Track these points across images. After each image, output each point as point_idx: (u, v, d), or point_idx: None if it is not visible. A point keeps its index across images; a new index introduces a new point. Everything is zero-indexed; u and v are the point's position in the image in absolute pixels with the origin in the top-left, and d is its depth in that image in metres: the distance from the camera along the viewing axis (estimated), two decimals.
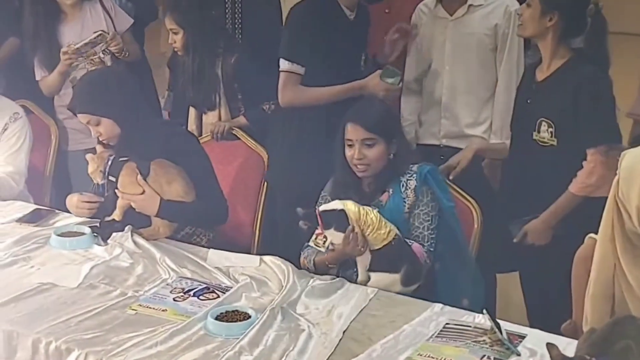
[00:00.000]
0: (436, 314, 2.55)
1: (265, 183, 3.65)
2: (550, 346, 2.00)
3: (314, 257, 2.92)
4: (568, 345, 2.20)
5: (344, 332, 2.45)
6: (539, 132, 3.07)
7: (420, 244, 2.88)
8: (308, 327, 2.47)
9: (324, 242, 2.78)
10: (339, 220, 2.77)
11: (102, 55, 4.05)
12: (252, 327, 2.43)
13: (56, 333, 2.41)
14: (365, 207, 2.83)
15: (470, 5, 3.53)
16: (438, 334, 2.42)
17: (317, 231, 2.87)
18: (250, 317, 2.49)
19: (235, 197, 3.59)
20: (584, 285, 2.45)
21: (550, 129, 3.04)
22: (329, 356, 2.32)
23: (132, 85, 3.29)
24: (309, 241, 2.95)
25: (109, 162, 3.13)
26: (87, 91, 3.22)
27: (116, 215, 3.15)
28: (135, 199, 3.09)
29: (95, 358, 2.30)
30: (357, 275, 2.84)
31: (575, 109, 2.98)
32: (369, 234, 2.76)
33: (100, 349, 2.33)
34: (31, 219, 3.31)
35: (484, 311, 2.48)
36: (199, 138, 3.69)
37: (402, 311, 2.58)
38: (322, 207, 2.85)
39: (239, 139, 3.80)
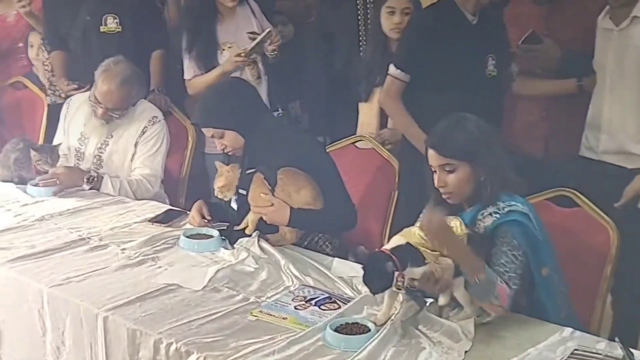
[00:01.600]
0: (565, 339, 2.43)
1: (396, 193, 3.60)
2: None
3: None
4: None
5: (466, 352, 2.37)
6: None
7: (505, 283, 2.52)
8: (429, 346, 2.40)
9: (403, 283, 2.44)
10: (412, 255, 2.47)
11: (256, 56, 4.10)
12: (370, 340, 2.38)
13: (177, 335, 2.44)
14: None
15: (634, 16, 3.34)
16: (565, 359, 2.31)
17: (396, 273, 2.45)
18: (369, 330, 2.44)
19: (366, 205, 3.56)
20: None
21: None
22: None
23: (251, 94, 3.32)
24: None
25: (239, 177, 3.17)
26: (209, 105, 3.28)
27: (249, 230, 3.17)
28: (266, 211, 3.10)
29: None
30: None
31: None
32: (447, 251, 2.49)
33: (218, 354, 2.34)
34: (163, 219, 3.38)
35: (617, 339, 2.34)
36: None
37: (530, 333, 2.47)
38: (385, 247, 2.54)
39: (373, 147, 3.76)
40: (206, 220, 3.28)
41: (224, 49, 4.09)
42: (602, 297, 2.95)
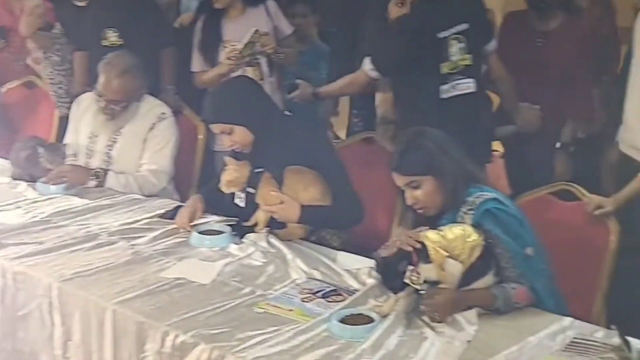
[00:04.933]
0: (564, 328, 2.48)
1: None
2: None
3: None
4: None
5: (468, 341, 2.41)
6: None
7: (519, 283, 2.60)
8: (432, 335, 2.44)
9: (418, 278, 2.52)
10: (424, 252, 2.54)
11: (259, 57, 4.13)
12: (375, 330, 2.44)
13: (184, 327, 2.48)
14: (444, 228, 2.62)
15: None
16: (564, 348, 2.36)
17: (410, 268, 2.56)
18: (374, 321, 2.49)
19: (374, 201, 3.59)
20: None
21: None
22: None
23: (258, 91, 3.37)
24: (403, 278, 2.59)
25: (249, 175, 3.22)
26: (217, 101, 3.32)
27: (259, 229, 3.21)
28: (277, 209, 3.15)
29: (219, 353, 2.36)
30: None
31: None
32: (458, 254, 2.55)
33: (224, 344, 2.38)
34: (173, 215, 3.42)
35: (614, 327, 2.39)
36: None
37: (530, 323, 2.52)
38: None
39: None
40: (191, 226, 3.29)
41: (225, 47, 4.14)
42: (603, 290, 2.99)
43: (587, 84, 3.98)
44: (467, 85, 3.60)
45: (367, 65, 3.68)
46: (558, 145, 4.03)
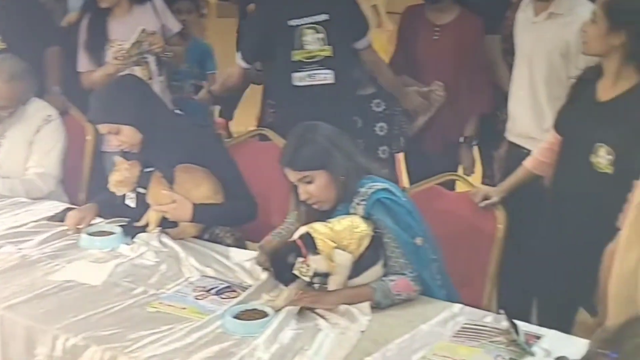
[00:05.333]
0: (454, 314, 2.54)
1: None
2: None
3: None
4: (584, 346, 2.16)
5: (362, 331, 2.44)
6: (595, 156, 2.87)
7: (401, 274, 2.64)
8: (326, 327, 2.46)
9: (306, 270, 2.54)
10: (311, 244, 2.56)
11: (147, 56, 4.08)
12: (268, 325, 2.44)
13: (75, 329, 2.44)
14: (332, 220, 2.67)
15: (551, 12, 3.43)
16: (455, 334, 2.41)
17: (299, 259, 2.56)
18: (267, 315, 2.50)
19: (268, 197, 3.59)
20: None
21: (608, 156, 2.84)
22: (345, 356, 2.31)
23: (145, 90, 3.34)
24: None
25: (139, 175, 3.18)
26: (103, 101, 3.26)
27: (150, 228, 3.18)
28: (168, 208, 3.12)
29: (111, 354, 2.32)
30: None
31: (636, 138, 2.79)
32: (347, 245, 2.59)
33: (117, 345, 2.35)
34: (62, 217, 3.35)
35: (502, 312, 2.46)
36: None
37: (421, 311, 2.57)
38: (295, 236, 2.65)
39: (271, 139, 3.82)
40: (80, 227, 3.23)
41: (112, 46, 4.08)
42: (492, 276, 3.07)
43: (483, 76, 4.06)
44: (324, 76, 3.65)
45: (238, 55, 3.72)
46: (461, 139, 4.12)
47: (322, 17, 3.64)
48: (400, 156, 4.33)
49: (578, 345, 2.17)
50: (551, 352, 2.26)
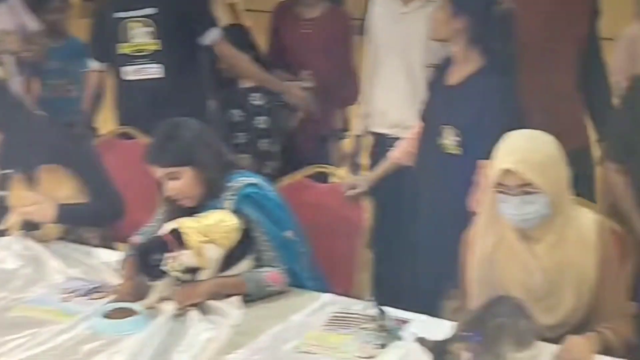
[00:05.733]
0: (325, 304, 2.57)
1: None
2: (420, 340, 2.03)
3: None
4: (451, 328, 2.22)
5: (235, 325, 2.43)
6: (443, 138, 2.97)
7: (272, 266, 2.67)
8: (199, 322, 2.44)
9: (177, 265, 2.51)
10: (181, 240, 2.54)
11: (3, 55, 3.95)
12: (139, 323, 2.41)
13: None
14: (201, 215, 2.65)
15: (422, 2, 3.49)
16: (326, 323, 2.44)
17: (168, 255, 2.51)
18: (137, 313, 2.46)
19: (135, 194, 3.54)
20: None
21: (455, 137, 2.94)
22: (218, 350, 2.30)
23: (3, 90, 3.24)
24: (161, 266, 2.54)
25: None
26: None
27: (12, 231, 3.06)
28: (31, 210, 3.02)
29: None
30: None
31: (480, 118, 2.89)
32: (216, 239, 2.59)
33: None
34: None
35: (370, 299, 2.50)
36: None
37: (292, 302, 2.59)
38: (161, 232, 2.61)
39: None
40: None
41: None
42: (360, 265, 3.12)
43: (351, 69, 4.11)
44: (153, 71, 3.65)
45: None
46: (331, 132, 4.16)
47: (150, 10, 3.62)
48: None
49: (445, 328, 2.22)
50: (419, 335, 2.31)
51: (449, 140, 2.94)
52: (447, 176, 2.97)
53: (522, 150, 2.30)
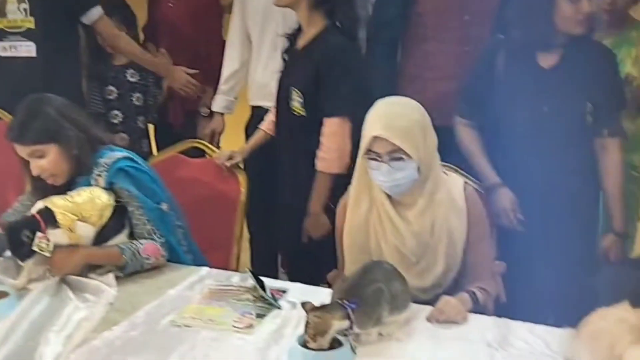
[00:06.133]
0: (202, 277, 2.57)
1: None
2: (303, 304, 2.06)
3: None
4: (328, 295, 2.25)
5: (110, 303, 2.40)
6: (292, 100, 3.05)
7: (150, 239, 2.65)
8: (74, 301, 2.40)
9: (48, 244, 2.46)
10: (50, 218, 2.49)
11: None
12: (9, 305, 2.34)
13: None
14: (72, 193, 2.60)
15: None
16: (203, 296, 2.43)
17: (39, 235, 2.46)
18: (8, 295, 2.41)
19: (3, 175, 3.45)
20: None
21: (299, 99, 3.02)
22: (93, 328, 2.26)
23: None
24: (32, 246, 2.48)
25: None
26: None
27: None
28: None
29: None
30: None
31: (319, 79, 2.97)
32: (88, 217, 2.55)
33: None
34: None
35: (247, 270, 2.51)
36: None
37: (169, 277, 2.58)
38: (32, 210, 2.54)
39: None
40: None
41: None
42: (238, 238, 3.12)
43: (218, 43, 4.08)
44: (26, 49, 3.55)
45: None
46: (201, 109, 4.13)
47: None
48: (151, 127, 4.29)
49: (322, 295, 2.25)
50: (297, 303, 2.33)
51: (296, 102, 3.02)
52: (297, 138, 3.06)
53: (390, 117, 2.34)
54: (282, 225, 3.19)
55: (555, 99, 2.81)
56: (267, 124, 3.33)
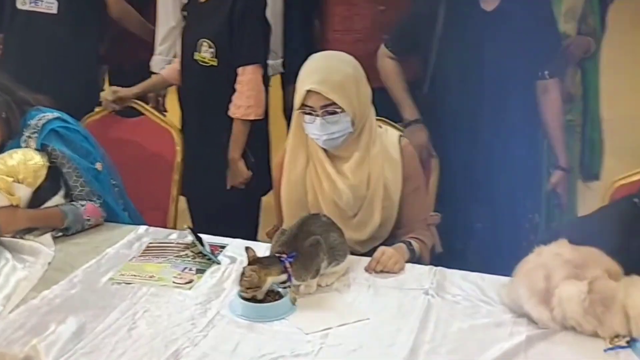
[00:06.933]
0: (140, 235, 2.57)
1: None
2: (247, 249, 2.08)
3: None
4: (267, 250, 2.27)
5: (48, 263, 2.39)
6: (201, 52, 3.07)
7: (89, 200, 2.65)
8: (12, 262, 2.37)
9: None
10: None
11: None
12: None
13: None
14: (3, 155, 2.56)
15: None
16: (141, 253, 2.44)
17: None
18: None
19: None
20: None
21: (210, 49, 3.05)
22: (33, 288, 2.25)
23: None
24: None
25: None
26: None
27: None
28: None
29: None
30: None
31: (231, 29, 3.00)
32: (23, 178, 2.52)
33: None
34: None
35: (186, 227, 2.51)
36: None
37: (107, 236, 2.57)
38: None
39: None
40: None
41: None
42: (174, 197, 3.13)
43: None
44: (48, 5, 3.45)
45: None
46: None
47: None
48: None
49: (262, 249, 2.27)
50: (236, 258, 2.36)
51: (207, 52, 3.04)
52: (207, 88, 3.10)
53: (323, 71, 2.36)
54: (201, 177, 3.20)
55: (495, 41, 2.85)
56: (168, 71, 3.34)
